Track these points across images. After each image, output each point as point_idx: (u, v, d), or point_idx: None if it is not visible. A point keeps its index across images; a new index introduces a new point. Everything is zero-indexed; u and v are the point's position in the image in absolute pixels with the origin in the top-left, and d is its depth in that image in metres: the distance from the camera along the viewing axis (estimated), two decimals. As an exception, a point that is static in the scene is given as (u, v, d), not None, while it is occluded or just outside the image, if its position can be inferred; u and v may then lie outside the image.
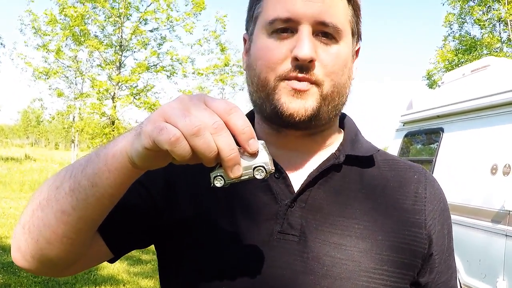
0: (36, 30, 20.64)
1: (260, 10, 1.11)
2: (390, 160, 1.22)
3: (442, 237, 1.17)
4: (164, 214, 1.13)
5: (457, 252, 5.49)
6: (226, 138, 0.76)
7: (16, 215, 13.21)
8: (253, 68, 1.12)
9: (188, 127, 0.75)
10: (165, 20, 20.46)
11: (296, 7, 1.04)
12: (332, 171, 1.13)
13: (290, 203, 1.08)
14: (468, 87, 6.26)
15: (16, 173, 24.99)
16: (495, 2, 21.69)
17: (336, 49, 1.07)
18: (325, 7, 1.04)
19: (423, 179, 1.19)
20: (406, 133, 7.75)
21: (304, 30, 1.04)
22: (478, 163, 5.57)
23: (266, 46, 1.08)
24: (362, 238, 1.06)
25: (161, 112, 0.79)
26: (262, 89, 1.09)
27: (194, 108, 0.78)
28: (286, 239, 1.06)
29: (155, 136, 0.76)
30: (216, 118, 0.76)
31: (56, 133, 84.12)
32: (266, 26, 1.08)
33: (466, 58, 21.79)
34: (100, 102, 20.21)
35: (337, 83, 1.08)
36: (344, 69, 1.10)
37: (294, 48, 1.03)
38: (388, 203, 1.12)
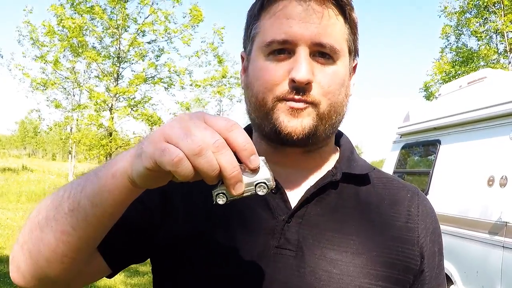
0: (34, 41, 20.65)
1: (257, 31, 1.13)
2: (384, 179, 1.24)
3: (433, 254, 1.18)
4: (161, 228, 1.14)
5: (455, 263, 5.51)
6: (228, 156, 0.76)
7: (13, 226, 13.17)
8: (251, 88, 1.13)
9: (190, 147, 0.75)
10: (163, 32, 20.51)
11: (293, 29, 1.05)
12: (329, 188, 1.14)
13: (287, 218, 1.10)
14: (465, 99, 6.28)
15: (13, 184, 24.94)
16: (491, 14, 21.78)
17: (333, 69, 1.09)
18: (322, 28, 1.06)
19: (416, 198, 1.22)
20: (403, 145, 7.76)
21: (301, 52, 1.05)
22: (475, 175, 5.58)
23: (264, 67, 1.09)
24: (357, 254, 1.08)
25: (161, 132, 0.79)
26: (260, 109, 1.11)
27: (194, 127, 0.78)
28: (283, 254, 1.07)
29: (157, 157, 0.77)
30: (217, 137, 0.77)
31: (53, 144, 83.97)
32: (263, 47, 1.09)
33: (463, 70, 21.84)
34: (98, 113, 20.21)
35: (334, 102, 1.10)
36: (341, 88, 1.12)
37: (292, 70, 1.04)
38: (382, 220, 1.14)
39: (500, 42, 22.17)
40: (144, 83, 20.65)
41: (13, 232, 12.36)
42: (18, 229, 12.77)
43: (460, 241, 5.53)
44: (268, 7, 1.10)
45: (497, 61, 21.80)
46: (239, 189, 0.79)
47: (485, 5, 21.29)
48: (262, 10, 1.12)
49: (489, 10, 21.69)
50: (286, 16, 1.06)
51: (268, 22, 1.10)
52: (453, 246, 5.58)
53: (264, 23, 1.11)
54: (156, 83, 20.96)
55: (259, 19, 1.12)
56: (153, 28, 20.42)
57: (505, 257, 4.77)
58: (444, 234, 4.95)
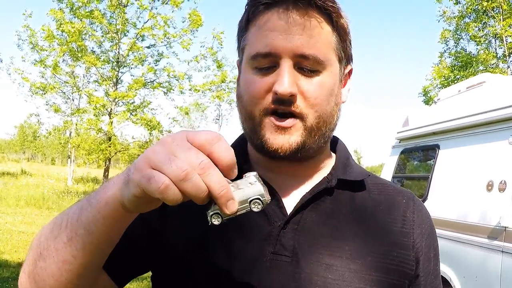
0: (33, 45, 20.68)
1: (245, 43, 1.14)
2: (380, 184, 1.25)
3: (428, 260, 1.19)
4: (161, 235, 1.15)
5: (454, 268, 5.51)
6: (215, 176, 0.77)
7: (12, 231, 13.16)
8: (241, 100, 1.15)
9: (176, 173, 0.75)
10: (162, 36, 20.54)
11: (275, 42, 1.06)
12: (324, 194, 1.15)
13: (283, 225, 1.10)
14: (463, 104, 6.29)
15: (12, 188, 24.93)
16: (490, 18, 21.81)
17: (318, 80, 1.09)
18: (305, 40, 1.06)
19: (411, 203, 1.22)
20: (402, 149, 7.77)
21: (284, 64, 1.06)
22: (474, 180, 5.58)
23: (251, 80, 1.10)
24: (353, 259, 1.09)
25: (146, 159, 0.79)
26: (249, 121, 1.12)
27: (178, 149, 0.78)
28: (279, 259, 1.08)
29: (144, 185, 0.77)
30: (201, 157, 0.77)
31: (52, 149, 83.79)
32: (249, 60, 1.11)
33: (462, 74, 21.86)
34: (97, 118, 20.22)
35: (322, 114, 1.10)
36: (330, 98, 1.11)
37: (275, 82, 1.05)
38: (378, 225, 1.15)
39: (499, 46, 22.19)
40: (143, 88, 20.68)
41: (12, 236, 12.34)
42: (17, 233, 12.77)
43: (459, 246, 5.53)
44: (254, 20, 1.11)
45: (496, 65, 21.81)
46: (232, 208, 0.79)
47: (484, 9, 21.32)
48: (248, 22, 1.13)
49: (488, 15, 21.72)
50: (269, 29, 1.07)
51: (254, 35, 1.11)
52: (452, 250, 5.58)
53: (251, 35, 1.12)
54: (155, 87, 20.99)
55: (247, 31, 1.13)
56: (152, 33, 20.46)
57: (504, 262, 4.77)
58: (444, 239, 4.95)
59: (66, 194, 23.04)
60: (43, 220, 16.54)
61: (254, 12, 1.10)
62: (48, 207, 20.51)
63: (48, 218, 16.95)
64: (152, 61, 21.55)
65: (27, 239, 12.09)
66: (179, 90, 21.11)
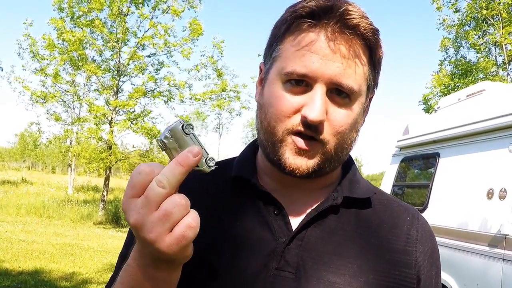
0: (34, 54, 20.64)
1: (278, 54, 1.11)
2: (385, 201, 1.24)
3: (430, 277, 1.19)
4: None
5: (455, 276, 5.50)
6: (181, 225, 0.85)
7: (12, 239, 13.15)
8: (264, 111, 1.13)
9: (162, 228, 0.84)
10: (163, 45, 20.51)
11: (314, 66, 1.03)
12: (329, 211, 1.15)
13: (288, 241, 1.11)
14: (464, 112, 6.30)
15: (13, 197, 24.98)
16: (490, 26, 21.84)
17: (348, 109, 1.08)
18: (344, 69, 1.04)
19: (415, 221, 1.22)
20: (402, 158, 7.78)
21: (318, 90, 1.04)
22: (474, 188, 5.58)
23: (279, 96, 1.08)
24: (355, 277, 1.09)
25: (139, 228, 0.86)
26: (270, 137, 1.10)
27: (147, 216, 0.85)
28: (283, 275, 1.08)
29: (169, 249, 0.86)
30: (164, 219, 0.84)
31: (53, 157, 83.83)
32: (282, 74, 1.08)
33: (462, 82, 21.86)
34: (97, 127, 20.20)
35: (343, 142, 1.10)
36: (354, 126, 1.12)
37: (305, 105, 1.04)
38: (381, 243, 1.15)
39: (499, 54, 22.20)
40: (144, 97, 20.64)
41: (12, 245, 12.33)
42: (17, 242, 12.75)
43: (460, 254, 5.53)
44: (294, 34, 1.08)
45: (496, 73, 21.81)
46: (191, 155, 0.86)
47: (484, 17, 21.35)
48: (287, 33, 1.10)
49: (488, 23, 21.76)
50: (310, 50, 1.04)
51: (291, 50, 1.07)
52: (453, 258, 5.58)
53: (287, 48, 1.09)
54: (155, 96, 20.95)
55: (282, 42, 1.10)
56: (152, 42, 20.44)
57: (505, 270, 4.77)
58: (444, 247, 4.95)
59: (66, 203, 23.03)
60: (44, 228, 16.53)
61: (296, 27, 1.08)
62: (48, 215, 20.51)
63: (48, 227, 16.97)
64: (153, 70, 21.54)
65: (28, 248, 12.08)
66: (180, 99, 21.07)
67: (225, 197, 1.20)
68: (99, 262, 11.21)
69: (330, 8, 1.04)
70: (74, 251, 12.45)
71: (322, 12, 1.04)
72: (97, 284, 9.17)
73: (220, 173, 1.16)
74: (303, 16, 1.06)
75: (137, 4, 20.35)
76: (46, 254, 11.59)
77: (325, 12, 1.04)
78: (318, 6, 1.05)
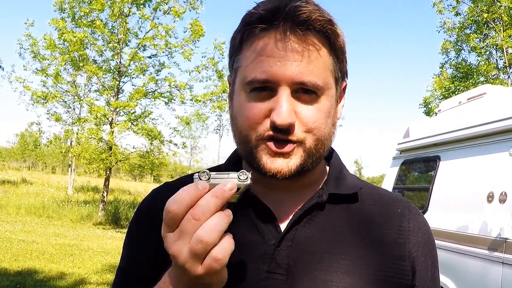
0: (35, 54, 20.66)
1: (239, 64, 1.11)
2: (375, 195, 1.24)
3: (425, 268, 1.18)
4: (160, 262, 1.14)
5: (454, 279, 5.49)
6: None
7: (12, 239, 13.16)
8: (235, 122, 1.14)
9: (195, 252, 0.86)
10: (164, 46, 20.50)
11: (273, 69, 1.03)
12: (316, 209, 1.15)
13: (277, 243, 1.11)
14: (464, 115, 6.30)
15: (13, 197, 25.00)
16: (491, 29, 21.86)
17: (317, 105, 1.07)
18: (303, 66, 1.04)
19: (407, 212, 1.22)
20: (403, 161, 7.78)
21: (282, 93, 1.04)
22: (474, 191, 5.58)
23: (246, 104, 1.08)
24: (348, 273, 1.08)
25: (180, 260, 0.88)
26: (244, 145, 1.11)
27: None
28: (274, 278, 1.08)
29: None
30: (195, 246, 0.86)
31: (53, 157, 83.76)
32: (244, 84, 1.08)
33: (463, 86, 21.88)
34: (98, 127, 20.20)
35: (320, 136, 1.09)
36: (328, 120, 1.10)
37: (273, 110, 1.04)
38: (373, 237, 1.15)
39: (499, 57, 22.23)
40: (145, 98, 20.64)
41: (12, 244, 12.34)
42: (16, 242, 12.75)
43: (459, 257, 5.52)
44: (248, 42, 1.09)
45: (497, 76, 21.85)
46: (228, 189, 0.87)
47: (485, 21, 21.38)
48: (243, 42, 1.10)
49: (489, 26, 21.77)
50: (266, 54, 1.04)
51: (249, 58, 1.08)
52: (452, 262, 5.57)
53: (245, 57, 1.09)
54: (156, 97, 20.94)
55: (240, 52, 1.11)
56: (154, 43, 20.42)
57: (505, 273, 4.76)
58: (444, 250, 4.94)
59: (66, 203, 23.05)
60: (43, 228, 16.54)
61: (250, 34, 1.08)
62: (48, 215, 20.53)
63: (48, 227, 16.97)
64: (154, 71, 21.51)
65: (27, 248, 12.09)
66: (180, 100, 21.05)
67: None
68: (98, 263, 11.21)
69: (277, 9, 1.04)
70: (74, 251, 12.45)
71: (270, 15, 1.04)
72: (96, 285, 9.17)
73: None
74: (254, 22, 1.06)
75: (138, 5, 20.35)
76: (45, 254, 11.60)
77: (274, 14, 1.04)
78: (266, 10, 1.05)
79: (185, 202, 0.86)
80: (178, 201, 0.86)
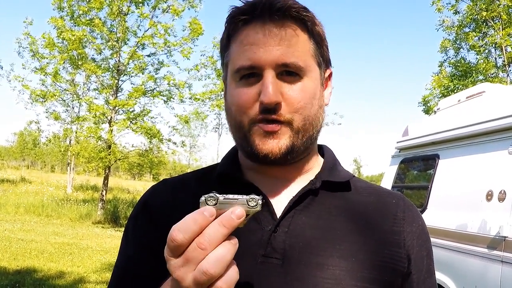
0: (34, 53, 20.63)
1: (228, 59, 1.21)
2: (369, 188, 1.30)
3: (420, 258, 1.21)
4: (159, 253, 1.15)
5: (453, 278, 5.50)
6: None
7: (11, 238, 13.17)
8: (229, 112, 1.22)
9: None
10: (163, 45, 20.49)
11: (257, 55, 1.12)
12: (310, 195, 1.19)
13: (274, 228, 1.14)
14: (463, 114, 6.29)
15: (12, 196, 25.00)
16: (490, 28, 21.85)
17: (300, 85, 1.15)
18: (284, 49, 1.13)
19: (401, 203, 1.26)
20: (402, 159, 7.77)
21: (267, 75, 1.12)
22: (473, 189, 5.58)
23: (237, 92, 1.17)
24: (344, 257, 1.11)
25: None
26: (239, 131, 1.19)
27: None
28: (270, 262, 1.11)
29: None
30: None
31: (52, 156, 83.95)
32: (234, 74, 1.18)
33: (462, 84, 21.88)
34: (97, 126, 20.19)
35: (307, 116, 1.16)
36: (313, 100, 1.18)
37: (261, 93, 1.12)
38: (368, 224, 1.18)
39: (498, 56, 22.22)
40: (143, 96, 20.63)
41: (11, 243, 12.34)
42: (15, 241, 12.76)
43: (458, 256, 5.52)
44: (234, 36, 1.19)
45: (496, 75, 21.84)
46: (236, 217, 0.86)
47: (484, 19, 21.36)
48: (229, 39, 1.21)
49: (488, 24, 21.77)
50: (249, 43, 1.14)
51: (235, 50, 1.18)
52: (451, 260, 5.57)
53: (233, 51, 1.19)
54: (155, 96, 20.93)
55: (228, 48, 1.21)
56: (152, 41, 20.41)
57: (504, 271, 4.76)
58: (443, 248, 4.94)
59: (65, 202, 23.05)
60: (42, 227, 16.54)
61: (234, 29, 1.19)
62: (47, 214, 20.53)
63: (47, 226, 16.97)
64: (153, 70, 21.52)
65: (26, 247, 12.08)
66: (179, 99, 21.04)
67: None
68: (97, 262, 11.21)
69: (256, 2, 1.16)
70: (73, 250, 12.46)
71: (250, 7, 1.16)
72: (95, 284, 9.17)
73: (206, 177, 1.29)
74: (236, 16, 1.18)
75: (137, 3, 20.34)
76: (44, 253, 11.60)
77: (253, 5, 1.16)
78: (247, 4, 1.17)
79: (191, 231, 0.84)
80: (183, 230, 0.85)
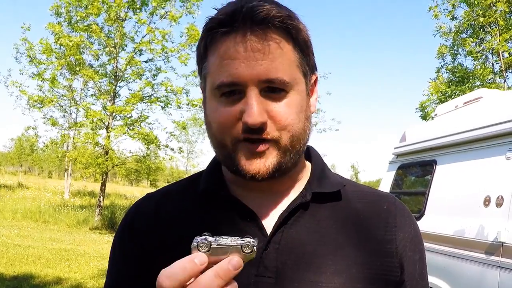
0: (31, 58, 20.65)
1: (206, 71, 1.12)
2: (359, 192, 1.25)
3: (413, 263, 1.19)
4: (148, 274, 1.12)
5: (451, 283, 5.49)
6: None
7: (8, 244, 13.14)
8: (210, 128, 1.14)
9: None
10: (160, 51, 20.49)
11: (239, 71, 1.04)
12: (301, 209, 1.15)
13: (265, 246, 1.10)
14: (461, 119, 6.30)
15: (9, 201, 24.93)
16: (487, 34, 21.90)
17: (286, 101, 1.07)
18: (268, 64, 1.04)
19: (393, 208, 1.22)
20: (399, 165, 7.77)
21: (250, 94, 1.04)
22: (471, 195, 5.57)
23: (217, 110, 1.09)
24: (337, 273, 1.08)
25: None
26: (221, 149, 1.12)
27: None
28: (263, 281, 1.08)
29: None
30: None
31: (49, 162, 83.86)
32: (213, 90, 1.09)
33: (459, 90, 21.91)
34: (94, 132, 20.18)
35: (295, 132, 1.09)
36: (300, 114, 1.10)
37: (244, 112, 1.04)
38: (360, 235, 1.15)
39: (495, 62, 22.26)
40: (141, 102, 20.62)
41: (8, 249, 12.31)
42: (12, 246, 12.73)
43: (456, 261, 5.52)
44: (212, 48, 1.09)
45: (493, 80, 21.87)
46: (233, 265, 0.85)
47: (481, 25, 21.41)
48: (207, 50, 1.11)
49: (485, 30, 21.82)
50: (230, 57, 1.05)
51: (215, 64, 1.08)
52: (449, 266, 5.57)
53: (211, 63, 1.10)
54: (152, 102, 20.92)
55: (206, 59, 1.12)
56: (150, 47, 20.42)
57: (502, 277, 4.75)
58: (441, 254, 4.93)
59: (62, 208, 23.01)
60: (39, 233, 16.51)
61: (212, 40, 1.09)
62: (44, 220, 20.49)
63: (44, 232, 16.94)
64: (150, 76, 21.52)
65: (23, 252, 12.06)
66: (177, 105, 21.03)
67: (197, 213, 1.19)
68: (94, 268, 11.19)
69: (235, 11, 1.05)
70: (70, 256, 12.43)
71: (229, 18, 1.05)
72: (93, 290, 9.14)
73: (191, 188, 1.22)
74: (215, 27, 1.07)
75: (134, 9, 20.36)
76: (41, 259, 11.57)
77: (232, 16, 1.05)
78: (225, 13, 1.06)
79: (178, 280, 0.82)
80: (171, 277, 0.83)
